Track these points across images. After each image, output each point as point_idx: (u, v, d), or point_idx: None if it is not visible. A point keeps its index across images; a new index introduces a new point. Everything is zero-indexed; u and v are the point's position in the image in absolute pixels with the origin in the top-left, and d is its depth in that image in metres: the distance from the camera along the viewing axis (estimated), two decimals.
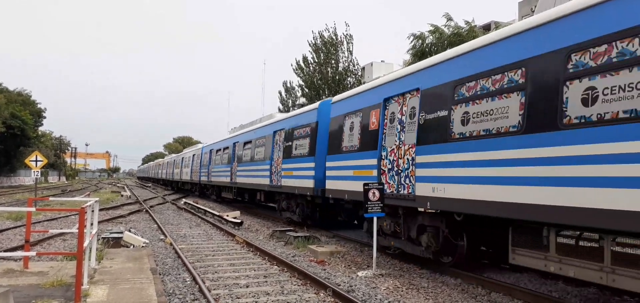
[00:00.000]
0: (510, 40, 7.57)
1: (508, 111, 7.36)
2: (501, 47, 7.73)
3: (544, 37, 6.90)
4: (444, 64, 9.22)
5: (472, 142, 8.04)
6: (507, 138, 7.29)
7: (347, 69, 54.67)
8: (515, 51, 7.37)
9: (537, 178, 6.67)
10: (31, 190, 46.63)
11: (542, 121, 6.72)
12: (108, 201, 30.66)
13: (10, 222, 17.08)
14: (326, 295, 7.92)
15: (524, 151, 6.94)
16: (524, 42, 7.24)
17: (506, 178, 7.26)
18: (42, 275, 8.11)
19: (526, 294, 7.99)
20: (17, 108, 61.53)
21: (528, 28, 7.24)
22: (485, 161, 7.73)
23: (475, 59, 8.27)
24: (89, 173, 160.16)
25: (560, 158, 6.35)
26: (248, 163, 22.01)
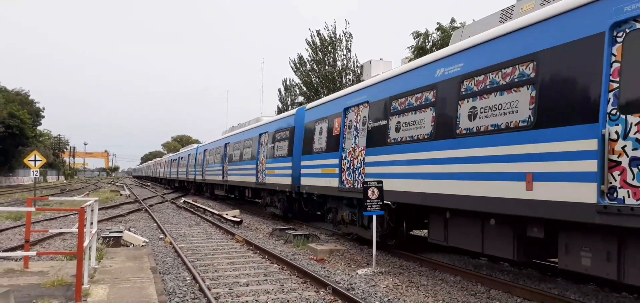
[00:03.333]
0: (426, 67, 9.81)
1: (424, 122, 9.55)
2: (420, 73, 9.96)
3: (446, 67, 9.15)
4: (384, 82, 11.43)
5: (401, 146, 10.26)
6: (423, 143, 9.49)
7: (346, 67, 54.66)
8: (429, 76, 9.57)
9: (442, 174, 8.84)
10: (30, 189, 46.60)
11: (445, 130, 8.86)
12: (107, 200, 30.65)
13: (9, 222, 17.08)
14: (326, 293, 7.94)
15: (433, 154, 9.15)
16: (433, 70, 9.51)
17: (423, 174, 9.43)
18: (42, 274, 8.12)
19: (524, 291, 8.02)
20: (15, 108, 61.45)
21: (437, 59, 9.53)
22: (409, 161, 9.90)
23: (404, 81, 10.47)
24: (87, 172, 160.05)
25: (454, 159, 8.54)
26: (237, 163, 24.37)
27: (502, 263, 10.81)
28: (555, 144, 6.58)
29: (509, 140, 7.37)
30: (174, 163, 51.68)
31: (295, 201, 17.81)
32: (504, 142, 7.47)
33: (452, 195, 8.47)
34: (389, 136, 10.65)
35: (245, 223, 18.09)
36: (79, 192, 42.56)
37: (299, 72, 55.71)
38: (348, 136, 12.82)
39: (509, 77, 7.56)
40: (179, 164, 46.62)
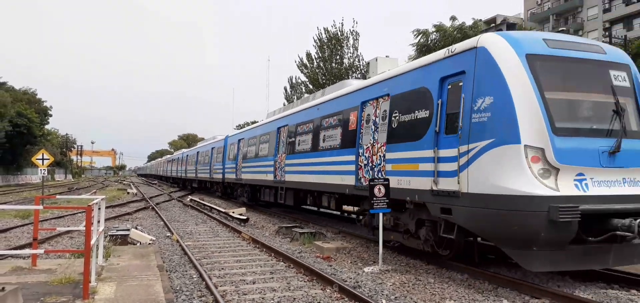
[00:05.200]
0: (308, 110, 15.86)
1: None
2: (308, 112, 16.03)
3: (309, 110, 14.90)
4: (295, 114, 17.60)
5: (297, 155, 16.46)
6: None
7: (352, 64, 54.56)
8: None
9: (299, 172, 15.13)
10: (38, 188, 46.90)
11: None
12: (114, 198, 30.80)
13: (18, 220, 17.18)
14: (332, 291, 7.93)
15: (315, 158, 14.77)
16: (312, 111, 15.14)
17: (304, 172, 15.92)
18: (50, 272, 8.16)
19: (533, 289, 7.97)
20: (23, 107, 61.85)
21: (319, 103, 14.90)
22: (318, 163, 14.84)
23: (301, 115, 16.91)
24: (95, 170, 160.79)
25: (325, 165, 14.16)
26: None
27: (509, 261, 10.73)
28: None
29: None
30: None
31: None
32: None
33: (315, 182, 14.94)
34: (296, 147, 17.14)
35: (252, 221, 18.10)
36: (86, 190, 42.79)
37: (305, 69, 55.69)
38: (282, 143, 18.90)
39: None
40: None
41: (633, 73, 8.94)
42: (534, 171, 7.50)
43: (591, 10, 61.97)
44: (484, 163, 7.89)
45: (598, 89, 8.54)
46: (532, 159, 7.52)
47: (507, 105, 7.71)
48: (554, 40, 8.65)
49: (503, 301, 7.59)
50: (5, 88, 61.22)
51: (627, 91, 8.66)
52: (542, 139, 7.58)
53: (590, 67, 8.57)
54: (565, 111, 8.21)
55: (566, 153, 7.63)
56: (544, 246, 7.56)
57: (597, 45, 9.36)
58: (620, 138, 7.93)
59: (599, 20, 60.27)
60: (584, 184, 7.66)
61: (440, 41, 35.70)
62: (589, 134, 8.02)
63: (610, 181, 7.87)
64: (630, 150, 8.05)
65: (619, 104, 8.28)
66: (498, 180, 7.62)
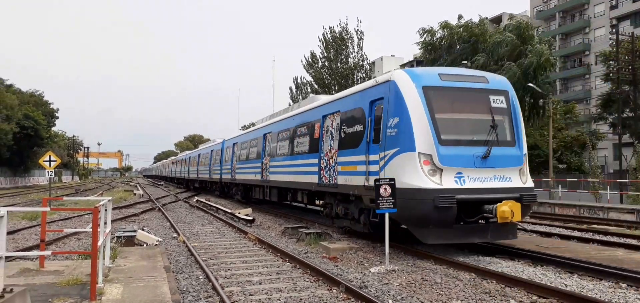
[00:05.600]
0: (286, 120, 19.00)
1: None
2: (286, 122, 19.14)
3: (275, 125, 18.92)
4: (277, 123, 20.54)
5: (278, 158, 19.37)
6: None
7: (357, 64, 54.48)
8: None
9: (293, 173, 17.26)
10: (45, 189, 47.20)
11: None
12: (121, 200, 30.93)
13: (25, 222, 17.29)
14: (339, 291, 7.91)
15: (291, 161, 17.45)
16: (289, 121, 18.43)
17: (283, 173, 18.65)
18: (57, 273, 8.20)
19: (540, 289, 7.93)
20: (30, 109, 62.27)
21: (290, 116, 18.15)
22: (293, 165, 17.30)
23: (281, 124, 19.79)
24: (101, 172, 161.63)
25: (299, 167, 16.55)
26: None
27: (517, 260, 10.72)
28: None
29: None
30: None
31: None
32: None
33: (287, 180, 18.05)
34: (268, 152, 21.24)
35: (258, 222, 18.12)
36: (93, 192, 43.00)
37: (311, 69, 55.68)
38: (269, 146, 21.35)
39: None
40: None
41: (511, 97, 11.62)
42: (425, 171, 10.19)
43: (598, 7, 61.57)
44: (394, 165, 10.62)
45: (479, 110, 11.18)
46: (424, 163, 10.23)
47: (407, 124, 10.46)
48: (446, 74, 11.50)
49: (511, 301, 7.55)
50: (12, 91, 61.60)
51: (504, 111, 11.34)
52: (431, 148, 10.25)
53: (474, 94, 11.30)
54: (450, 127, 10.77)
55: (448, 158, 10.31)
56: (434, 225, 10.18)
57: (482, 76, 12.04)
58: (491, 146, 10.62)
59: (606, 17, 59.88)
60: (462, 180, 10.32)
61: (447, 39, 35.65)
62: (466, 143, 10.66)
63: (482, 178, 10.49)
64: (501, 155, 10.76)
65: (495, 121, 10.93)
66: (402, 177, 10.27)
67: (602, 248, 12.43)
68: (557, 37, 64.40)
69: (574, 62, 64.72)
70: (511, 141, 11.23)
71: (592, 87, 60.06)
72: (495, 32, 36.22)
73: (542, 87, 32.22)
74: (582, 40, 63.33)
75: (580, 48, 62.88)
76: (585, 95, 60.89)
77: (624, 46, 37.42)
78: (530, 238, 13.99)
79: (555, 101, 44.42)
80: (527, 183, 11.15)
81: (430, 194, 9.91)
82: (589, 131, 51.93)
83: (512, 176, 10.88)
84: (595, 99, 50.94)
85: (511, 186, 10.70)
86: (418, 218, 10.36)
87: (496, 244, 11.70)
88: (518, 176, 11.00)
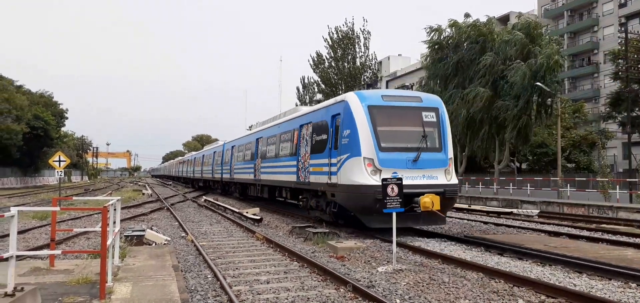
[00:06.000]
0: (273, 127, 22.02)
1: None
2: (273, 128, 21.80)
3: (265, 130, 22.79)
4: (267, 129, 23.13)
5: (267, 160, 22.05)
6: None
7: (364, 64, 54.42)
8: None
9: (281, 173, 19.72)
10: (55, 189, 47.57)
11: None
12: (130, 199, 31.11)
13: (36, 221, 17.44)
14: (346, 290, 7.93)
15: (277, 162, 20.42)
16: (275, 128, 21.36)
17: (271, 173, 21.48)
18: (67, 273, 8.28)
19: (548, 288, 7.90)
20: (40, 110, 62.78)
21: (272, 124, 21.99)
22: (278, 166, 20.10)
23: (270, 130, 22.28)
24: (110, 172, 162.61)
25: (283, 167, 19.39)
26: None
27: (525, 259, 10.69)
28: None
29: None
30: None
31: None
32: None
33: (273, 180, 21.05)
34: (256, 156, 24.42)
35: (265, 221, 18.17)
36: (102, 192, 43.29)
37: (317, 69, 55.68)
38: (261, 148, 23.65)
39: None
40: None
41: (440, 112, 14.38)
42: (368, 171, 13.06)
43: (606, 5, 61.08)
44: (346, 167, 13.57)
45: (412, 123, 13.93)
46: (367, 165, 13.10)
47: (355, 135, 13.39)
48: (387, 95, 14.62)
49: (519, 301, 7.52)
50: (22, 91, 62.10)
51: (434, 124, 14.12)
52: (373, 154, 13.15)
53: (409, 111, 14.17)
54: (388, 137, 13.56)
55: (386, 161, 13.16)
56: (376, 213, 12.59)
57: (417, 96, 15.09)
58: (420, 152, 13.44)
59: (615, 16, 59.39)
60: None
61: (454, 38, 35.52)
62: (401, 150, 13.49)
63: (413, 177, 13.06)
64: (429, 158, 13.55)
65: (425, 132, 13.76)
66: (352, 176, 13.30)
67: (611, 247, 12.36)
68: (565, 35, 63.96)
69: (583, 61, 64.27)
70: (438, 147, 13.99)
71: (601, 86, 59.60)
72: (502, 31, 36.03)
73: (550, 86, 32.02)
74: (590, 38, 62.86)
75: (589, 47, 62.42)
76: (594, 94, 60.44)
77: (633, 44, 37.11)
78: (538, 238, 13.95)
79: (563, 99, 44.16)
80: (451, 181, 13.84)
81: (371, 189, 12.68)
82: (598, 130, 51.57)
83: (438, 175, 13.63)
84: (604, 98, 50.54)
85: (437, 183, 13.40)
86: (363, 208, 13.33)
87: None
88: (443, 175, 13.73)
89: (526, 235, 15.02)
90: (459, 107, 34.19)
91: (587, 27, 63.51)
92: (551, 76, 31.88)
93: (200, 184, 48.03)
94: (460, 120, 34.10)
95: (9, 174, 63.06)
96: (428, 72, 39.18)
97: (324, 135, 15.31)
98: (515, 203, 27.85)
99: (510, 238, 13.40)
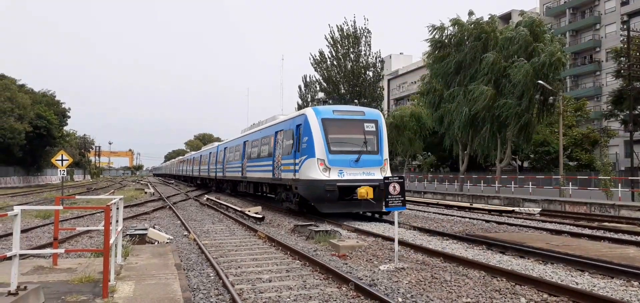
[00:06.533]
0: (256, 132, 25.95)
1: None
2: (256, 133, 25.71)
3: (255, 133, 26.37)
4: (252, 133, 26.91)
5: (251, 160, 26.01)
6: (266, 157, 22.81)
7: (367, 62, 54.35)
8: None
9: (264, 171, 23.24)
10: (58, 188, 47.66)
11: (265, 154, 23.33)
12: (132, 198, 31.15)
13: (39, 220, 17.48)
14: (348, 289, 7.94)
15: (259, 162, 24.20)
16: (258, 133, 25.68)
17: (255, 171, 25.12)
18: (70, 271, 8.30)
19: (551, 287, 7.90)
20: (42, 109, 62.86)
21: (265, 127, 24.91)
22: (260, 165, 23.85)
23: (254, 134, 26.27)
24: (112, 171, 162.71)
25: (263, 166, 23.33)
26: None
27: (527, 258, 10.69)
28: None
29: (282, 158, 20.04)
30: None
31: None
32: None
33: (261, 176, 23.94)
34: (244, 156, 27.95)
35: (267, 220, 18.19)
36: (105, 191, 43.36)
37: (319, 68, 55.63)
38: (250, 151, 26.67)
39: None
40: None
41: (379, 123, 18.21)
42: (320, 169, 16.92)
43: (608, 3, 60.89)
44: (305, 166, 17.39)
45: (356, 132, 17.81)
46: (320, 164, 16.95)
47: (311, 141, 17.30)
48: (337, 110, 18.77)
49: (521, 299, 7.53)
50: (24, 90, 62.22)
51: (373, 132, 17.94)
52: (324, 155, 17.04)
53: (353, 122, 18.07)
54: (336, 143, 17.43)
55: (334, 161, 17.07)
56: (327, 201, 16.89)
57: (360, 110, 19.34)
58: (361, 154, 17.31)
59: (617, 13, 59.22)
60: (342, 174, 17.03)
61: (456, 36, 35.40)
62: (346, 152, 17.35)
63: (355, 173, 17.08)
64: (368, 159, 17.40)
65: (366, 138, 17.73)
66: (308, 173, 17.16)
67: (614, 246, 12.35)
68: (567, 33, 63.79)
69: (585, 59, 64.10)
70: (376, 151, 17.78)
71: (603, 84, 59.45)
72: (505, 29, 35.89)
73: (553, 85, 31.92)
74: (592, 36, 62.69)
75: (591, 45, 62.25)
76: (596, 92, 60.28)
77: (635, 42, 36.99)
78: (540, 236, 13.94)
79: (565, 97, 44.03)
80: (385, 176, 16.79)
81: (322, 183, 16.72)
82: (600, 128, 51.43)
83: (375, 172, 17.32)
84: (606, 96, 50.41)
85: (373, 178, 17.00)
86: (317, 197, 17.11)
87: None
88: (379, 172, 17.36)
89: (528, 233, 15.02)
90: (460, 106, 34.11)
91: (589, 25, 63.32)
92: (554, 74, 31.76)
93: (198, 182, 51.26)
94: (462, 118, 34.02)
95: (12, 174, 63.19)
96: (430, 70, 39.11)
97: (291, 140, 19.07)
98: (517, 201, 27.84)
99: (512, 237, 13.39)
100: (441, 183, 46.70)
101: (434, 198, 33.78)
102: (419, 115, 46.20)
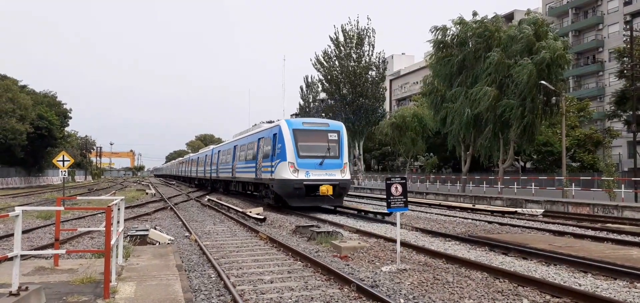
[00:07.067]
0: (244, 137, 29.89)
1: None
2: (244, 139, 29.73)
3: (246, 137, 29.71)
4: (241, 139, 30.94)
5: (240, 162, 29.52)
6: (251, 160, 26.52)
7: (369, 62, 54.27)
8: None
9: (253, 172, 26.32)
10: (59, 189, 47.70)
11: (250, 157, 27.08)
12: (133, 199, 31.16)
13: (40, 221, 17.49)
14: (350, 290, 7.90)
15: (246, 164, 27.83)
16: (245, 139, 29.42)
17: (243, 172, 28.75)
18: (72, 272, 8.29)
19: (554, 288, 7.85)
20: (44, 109, 62.96)
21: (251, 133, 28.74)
22: (246, 167, 27.63)
23: (242, 140, 30.27)
24: (114, 171, 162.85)
25: (249, 168, 27.13)
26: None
27: (530, 259, 10.65)
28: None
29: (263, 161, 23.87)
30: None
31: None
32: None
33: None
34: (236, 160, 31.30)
35: (269, 221, 18.16)
36: (106, 191, 43.39)
37: (322, 68, 55.57)
38: (242, 154, 29.62)
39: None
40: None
41: (341, 133, 21.84)
42: (290, 171, 20.34)
43: (611, 3, 60.79)
44: (279, 168, 20.86)
45: (321, 140, 21.32)
46: (290, 166, 20.39)
47: (283, 147, 20.74)
48: (306, 122, 22.83)
49: (524, 301, 7.49)
50: (26, 91, 62.32)
51: (335, 141, 21.50)
52: (294, 159, 20.46)
53: (319, 132, 21.61)
54: (304, 149, 20.79)
55: (302, 164, 20.47)
56: (295, 197, 20.41)
57: (325, 122, 23.06)
58: (324, 159, 20.79)
59: (620, 13, 59.11)
60: (308, 175, 20.38)
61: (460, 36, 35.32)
62: (312, 157, 20.74)
63: (319, 174, 20.51)
64: (330, 163, 20.89)
65: (329, 146, 21.22)
66: (281, 174, 20.63)
67: (617, 247, 12.29)
68: (569, 33, 63.70)
69: (587, 59, 63.99)
70: (337, 156, 21.35)
71: (605, 85, 59.35)
72: (509, 27, 35.78)
73: (555, 85, 31.81)
74: (595, 36, 62.60)
75: (594, 45, 62.16)
76: (599, 92, 60.17)
77: (638, 42, 36.90)
78: (543, 237, 13.90)
79: (568, 98, 43.93)
80: (344, 177, 21.26)
81: (292, 182, 20.25)
82: (603, 129, 51.30)
83: (336, 173, 20.91)
84: (609, 97, 50.30)
85: (334, 178, 20.70)
86: (288, 194, 20.58)
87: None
88: (339, 173, 21.00)
89: (531, 234, 14.97)
90: (463, 106, 34.03)
91: (592, 25, 63.22)
92: (556, 72, 31.59)
93: (196, 183, 54.13)
94: (464, 119, 33.93)
95: (13, 174, 63.29)
96: (432, 71, 39.04)
97: (269, 146, 22.75)
98: (520, 202, 27.77)
99: (514, 238, 13.35)
100: (443, 184, 46.63)
101: (436, 199, 33.72)
102: (421, 116, 46.16)
